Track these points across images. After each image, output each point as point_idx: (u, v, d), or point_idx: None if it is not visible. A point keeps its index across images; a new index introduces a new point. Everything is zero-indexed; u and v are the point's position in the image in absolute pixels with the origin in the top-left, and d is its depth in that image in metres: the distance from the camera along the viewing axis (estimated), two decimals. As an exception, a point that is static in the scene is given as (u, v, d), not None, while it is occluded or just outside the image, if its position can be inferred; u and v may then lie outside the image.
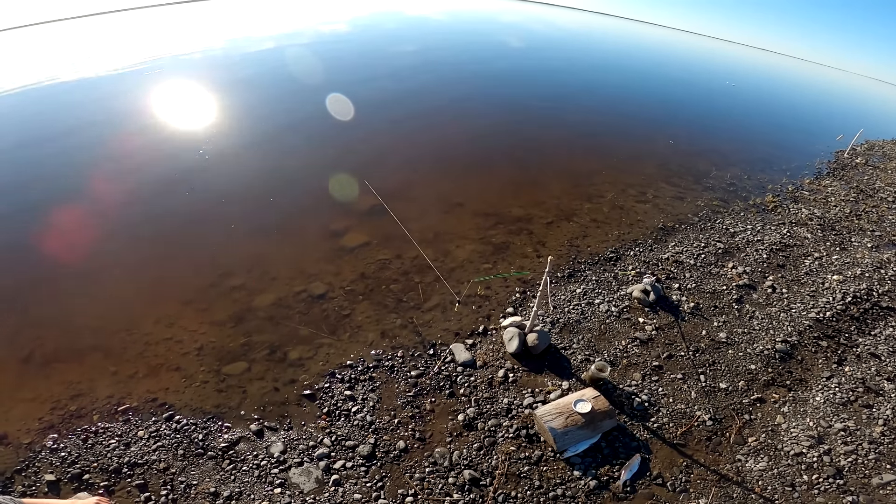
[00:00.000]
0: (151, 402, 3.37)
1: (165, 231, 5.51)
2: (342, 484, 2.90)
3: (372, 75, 13.89)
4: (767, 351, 4.23)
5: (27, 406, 3.29)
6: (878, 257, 6.19)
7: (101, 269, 4.82)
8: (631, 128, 11.93)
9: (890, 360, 4.29)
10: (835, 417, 3.62)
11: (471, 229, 5.75)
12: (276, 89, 11.50)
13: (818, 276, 5.56)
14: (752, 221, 6.78)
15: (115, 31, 20.56)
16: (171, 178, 6.86)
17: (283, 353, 3.82)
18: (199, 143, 7.94)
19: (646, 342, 4.19)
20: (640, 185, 7.58)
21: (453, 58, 19.18)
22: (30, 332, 3.97)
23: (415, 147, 8.52)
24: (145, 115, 9.08)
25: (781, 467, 3.21)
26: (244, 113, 9.56)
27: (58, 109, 9.40)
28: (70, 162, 7.18)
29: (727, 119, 15.24)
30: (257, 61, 15.00)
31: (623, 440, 3.25)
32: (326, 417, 3.31)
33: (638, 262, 5.43)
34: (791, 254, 6.03)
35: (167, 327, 4.03)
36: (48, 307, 4.31)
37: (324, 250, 5.15)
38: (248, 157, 7.49)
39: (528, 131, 10.34)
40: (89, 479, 2.85)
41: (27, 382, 3.49)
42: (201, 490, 2.84)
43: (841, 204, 7.90)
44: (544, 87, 15.75)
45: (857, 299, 5.14)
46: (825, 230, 6.80)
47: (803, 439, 3.40)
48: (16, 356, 3.73)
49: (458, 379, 3.65)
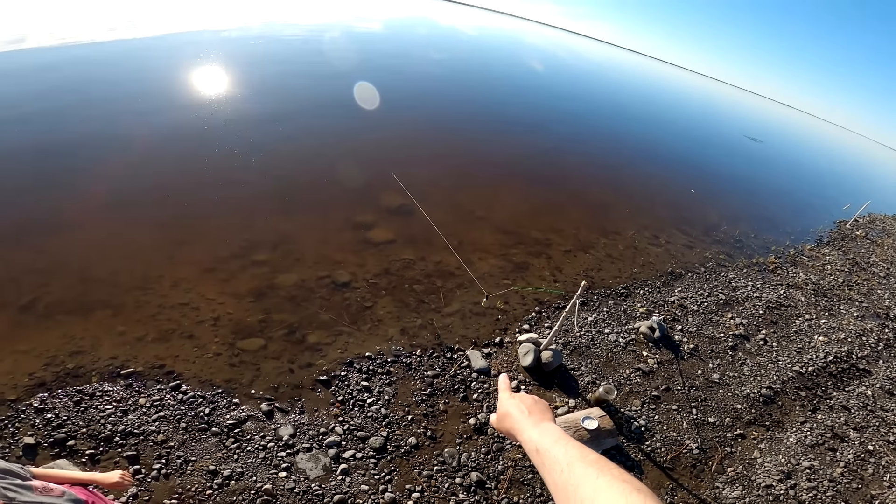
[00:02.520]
0: (158, 369, 3.34)
1: (196, 192, 5.61)
2: (350, 474, 2.99)
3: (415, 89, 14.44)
4: (753, 394, 4.68)
5: (18, 358, 3.16)
6: (862, 326, 6.78)
7: (124, 222, 4.88)
8: (650, 168, 12.62)
9: (858, 413, 4.86)
10: (803, 457, 4.09)
11: (492, 244, 6.07)
12: (324, 89, 11.97)
13: (806, 336, 6.10)
14: (753, 278, 7.30)
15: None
16: (214, 139, 7.07)
17: (301, 336, 3.96)
18: (252, 116, 8.43)
19: (647, 374, 4.53)
20: (654, 227, 8.08)
21: (482, 74, 19.98)
22: (35, 276, 3.85)
23: (441, 157, 8.93)
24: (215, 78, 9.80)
25: (752, 497, 3.60)
26: (293, 101, 10.11)
27: (127, 62, 10.11)
28: (118, 109, 7.53)
29: (744, 173, 16.12)
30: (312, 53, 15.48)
31: (619, 458, 3.55)
32: (340, 406, 3.46)
33: (646, 301, 5.82)
34: (784, 313, 6.54)
35: (185, 292, 4.08)
36: (61, 252, 4.21)
37: (350, 241, 5.37)
38: (291, 141, 7.78)
39: (551, 157, 10.89)
40: (73, 446, 2.72)
41: (23, 332, 3.34)
42: (199, 467, 2.80)
43: (836, 273, 8.55)
44: (568, 117, 16.52)
45: (837, 359, 5.70)
46: (818, 296, 7.37)
47: (774, 473, 3.83)
48: (15, 301, 3.59)
49: (473, 384, 3.88)
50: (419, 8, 50.96)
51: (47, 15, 14.36)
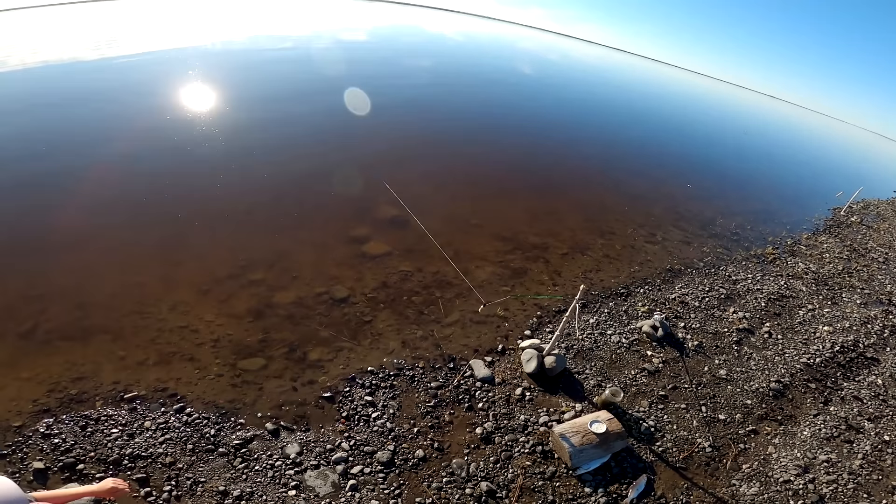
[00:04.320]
0: (161, 392, 3.43)
1: (189, 215, 5.72)
2: (359, 489, 3.05)
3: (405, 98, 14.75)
4: (762, 389, 4.76)
5: (22, 385, 3.25)
6: (865, 313, 6.91)
7: (119, 246, 4.97)
8: (643, 166, 12.89)
9: (871, 403, 4.92)
10: (819, 450, 4.14)
11: (490, 251, 6.20)
12: (313, 101, 12.23)
13: (810, 326, 6.21)
14: (752, 271, 7.46)
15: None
16: (202, 165, 7.22)
17: (302, 353, 4.04)
18: (238, 134, 8.63)
19: (653, 373, 4.62)
20: (651, 225, 8.25)
21: (472, 80, 20.39)
22: (34, 303, 3.95)
23: (434, 167, 9.11)
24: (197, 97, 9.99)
25: (771, 493, 3.65)
26: (281, 116, 10.31)
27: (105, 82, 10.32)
28: (104, 128, 7.73)
29: (736, 166, 16.50)
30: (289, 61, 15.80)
31: (630, 461, 3.61)
32: (345, 421, 3.52)
33: (647, 299, 5.94)
34: (787, 304, 6.67)
35: (182, 315, 4.18)
36: (58, 278, 4.31)
37: (346, 255, 5.48)
38: (280, 156, 7.93)
39: (543, 160, 11.13)
40: (84, 470, 2.81)
41: (24, 359, 3.45)
42: (209, 488, 2.88)
43: (835, 261, 8.74)
44: (558, 118, 16.86)
45: (844, 349, 5.80)
46: (819, 285, 7.53)
47: (791, 468, 3.88)
48: (14, 329, 3.68)
49: (477, 394, 3.96)
50: (405, 16, 52.41)
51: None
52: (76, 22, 20.31)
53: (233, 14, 32.11)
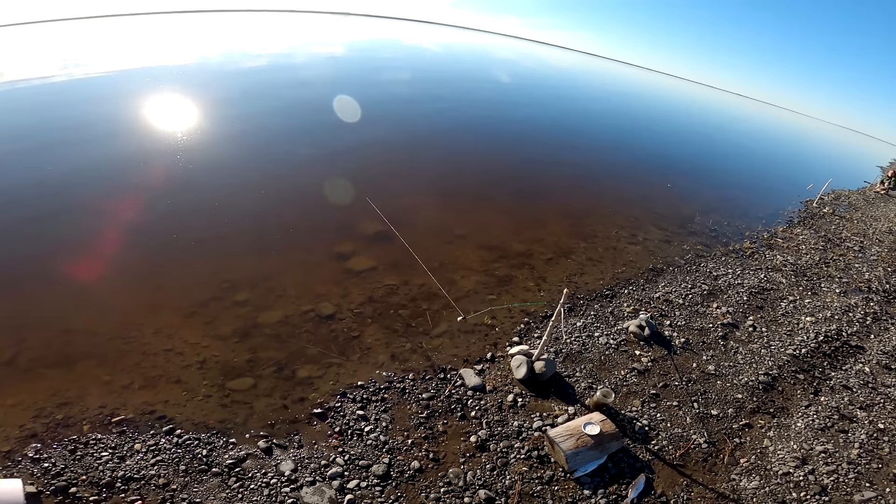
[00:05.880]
0: (149, 415, 3.49)
1: (169, 239, 5.76)
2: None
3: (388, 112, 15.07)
4: (752, 382, 4.95)
5: (7, 412, 3.32)
6: (846, 302, 7.28)
7: (100, 273, 4.99)
8: (621, 170, 13.42)
9: (861, 391, 5.13)
10: (815, 441, 4.30)
11: (474, 261, 6.37)
12: (293, 116, 12.42)
13: (793, 318, 6.51)
14: (732, 266, 7.83)
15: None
16: (178, 186, 7.27)
17: (291, 371, 4.10)
18: (213, 158, 8.67)
19: (643, 372, 4.80)
20: (631, 227, 8.59)
21: (451, 92, 20.97)
22: (13, 332, 4.01)
23: (417, 179, 9.33)
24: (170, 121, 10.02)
25: (772, 486, 3.78)
26: (258, 136, 10.39)
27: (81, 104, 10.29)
28: (84, 160, 7.63)
29: (707, 164, 17.27)
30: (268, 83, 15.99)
31: (628, 461, 3.73)
32: (338, 436, 3.59)
33: (632, 300, 6.18)
34: (768, 296, 7.00)
35: (167, 338, 4.23)
36: (38, 306, 4.37)
37: (331, 272, 5.56)
38: (256, 176, 8.02)
39: (525, 168, 11.48)
40: (76, 493, 2.88)
41: (8, 387, 3.52)
42: None
43: (811, 252, 9.21)
44: (538, 126, 17.42)
45: (828, 338, 6.07)
46: (798, 276, 7.93)
47: (789, 460, 4.02)
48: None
49: (469, 402, 4.06)
50: (382, 29, 53.84)
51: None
52: (43, 41, 20.19)
53: (209, 32, 32.42)
